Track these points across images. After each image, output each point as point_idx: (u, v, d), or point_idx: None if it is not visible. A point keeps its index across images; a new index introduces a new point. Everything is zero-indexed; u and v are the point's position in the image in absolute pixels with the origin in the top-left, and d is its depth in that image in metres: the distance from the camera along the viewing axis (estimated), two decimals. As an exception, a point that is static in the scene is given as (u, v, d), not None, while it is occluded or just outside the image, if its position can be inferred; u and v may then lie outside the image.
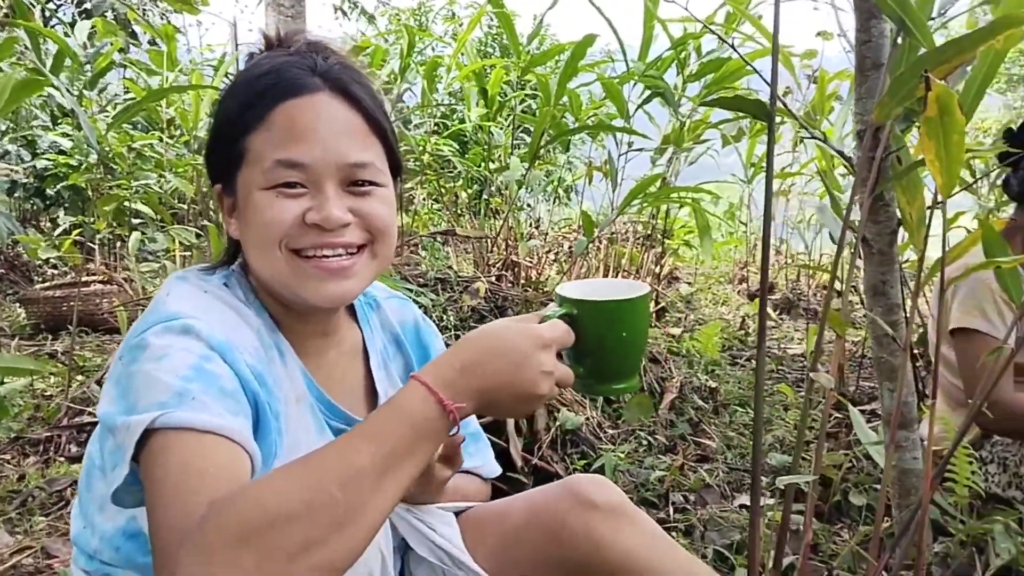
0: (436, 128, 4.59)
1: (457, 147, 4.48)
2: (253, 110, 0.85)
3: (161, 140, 3.71)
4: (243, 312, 0.88)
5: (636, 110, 3.37)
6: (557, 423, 1.91)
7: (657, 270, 3.77)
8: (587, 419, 1.99)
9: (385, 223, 0.89)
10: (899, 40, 1.35)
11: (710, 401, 2.30)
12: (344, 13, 6.89)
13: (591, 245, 3.72)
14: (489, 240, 3.37)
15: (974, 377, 1.79)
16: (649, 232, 3.75)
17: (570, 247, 4.02)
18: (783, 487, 1.35)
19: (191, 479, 0.67)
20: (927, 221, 1.42)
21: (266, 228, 0.84)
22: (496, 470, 1.20)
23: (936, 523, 1.71)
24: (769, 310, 3.66)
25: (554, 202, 5.17)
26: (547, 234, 4.11)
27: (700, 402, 2.26)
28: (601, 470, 1.79)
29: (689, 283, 4.29)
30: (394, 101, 3.35)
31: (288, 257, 0.85)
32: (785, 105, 1.66)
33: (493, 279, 2.86)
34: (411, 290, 2.08)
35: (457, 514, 1.10)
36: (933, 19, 1.53)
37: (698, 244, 3.62)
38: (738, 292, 4.27)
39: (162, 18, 8.11)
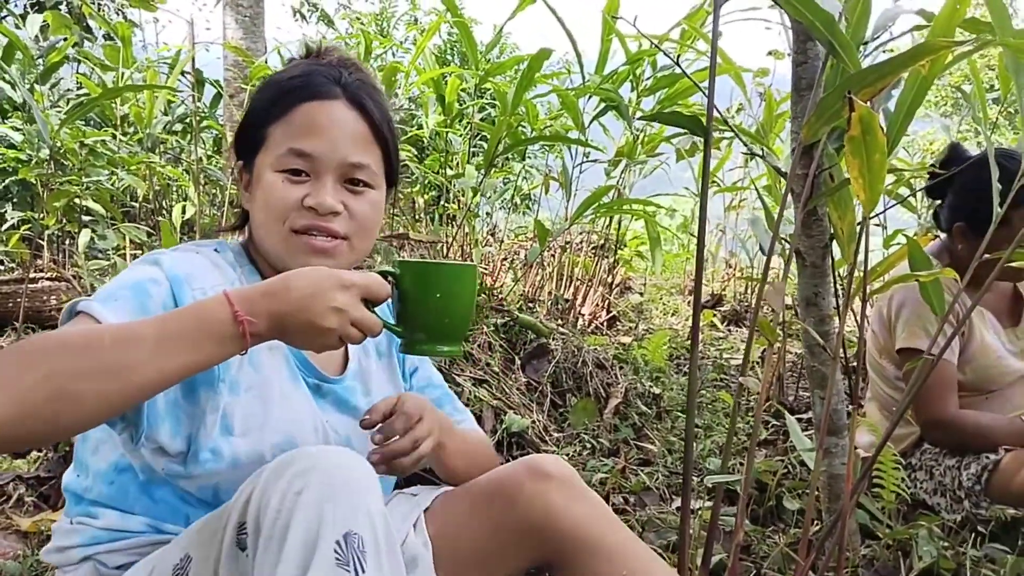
0: (395, 133, 4.60)
1: (415, 152, 4.50)
2: (279, 105, 1.01)
3: (114, 137, 3.67)
4: (223, 268, 1.02)
5: (591, 122, 3.43)
6: (504, 425, 1.94)
7: (609, 279, 3.83)
8: (533, 422, 2.02)
9: (368, 221, 1.05)
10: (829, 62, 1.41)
11: (654, 407, 2.35)
12: (303, 16, 6.88)
13: (544, 254, 3.77)
14: (444, 246, 3.40)
15: (920, 398, 1.85)
16: (602, 242, 3.81)
17: (526, 255, 4.06)
18: (720, 489, 1.40)
19: (57, 338, 0.77)
20: (857, 236, 1.49)
21: (272, 206, 0.99)
22: (479, 428, 1.30)
23: (864, 527, 1.77)
24: (717, 321, 3.75)
25: (511, 211, 5.21)
26: (503, 241, 4.14)
27: (644, 408, 2.32)
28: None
29: (641, 293, 4.36)
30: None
31: (286, 233, 0.99)
32: (726, 121, 1.72)
33: (446, 284, 2.87)
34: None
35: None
36: (867, 43, 1.60)
37: (650, 255, 3.69)
38: (687, 303, 4.35)
39: (118, 13, 7.99)
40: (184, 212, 3.51)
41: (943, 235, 2.02)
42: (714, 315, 3.80)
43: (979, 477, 1.81)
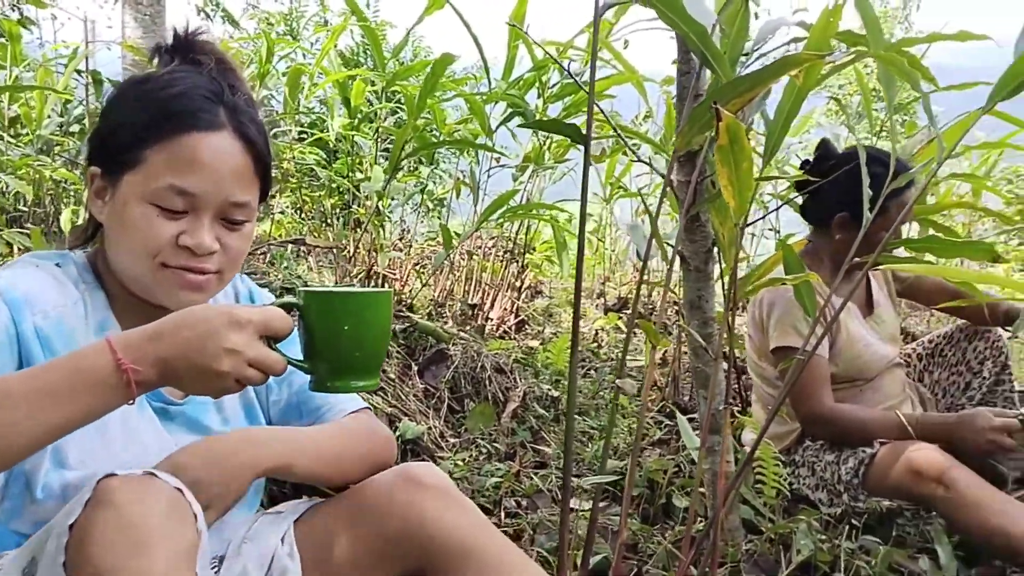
0: (302, 136, 4.54)
1: (325, 156, 4.44)
2: (160, 128, 0.93)
3: (1, 139, 3.51)
4: (66, 286, 0.96)
5: (498, 127, 3.45)
6: (397, 433, 1.93)
7: (518, 284, 3.85)
8: (429, 428, 2.02)
9: (241, 255, 1.01)
10: (703, 72, 1.46)
11: (552, 410, 2.37)
12: (207, 15, 6.69)
13: (455, 258, 3.77)
14: (350, 250, 3.37)
15: (797, 394, 1.93)
16: (511, 247, 3.83)
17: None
18: (617, 490, 1.42)
19: None
20: (737, 241, 1.54)
21: (142, 241, 0.93)
22: (359, 403, 1.20)
23: (748, 522, 1.83)
24: (622, 324, 3.81)
25: (424, 215, 5.19)
26: (411, 246, 4.13)
27: (542, 411, 2.34)
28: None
29: (551, 297, 4.41)
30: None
31: (155, 267, 0.94)
32: (615, 128, 1.75)
33: (351, 290, 2.84)
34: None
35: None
36: (747, 55, 1.65)
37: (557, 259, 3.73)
38: (596, 306, 4.42)
39: (14, 8, 7.63)
40: (78, 216, 3.37)
41: (812, 230, 2.12)
42: (619, 318, 3.87)
43: (856, 471, 1.89)
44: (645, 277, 4.39)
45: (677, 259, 1.68)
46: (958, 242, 1.40)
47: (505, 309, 3.70)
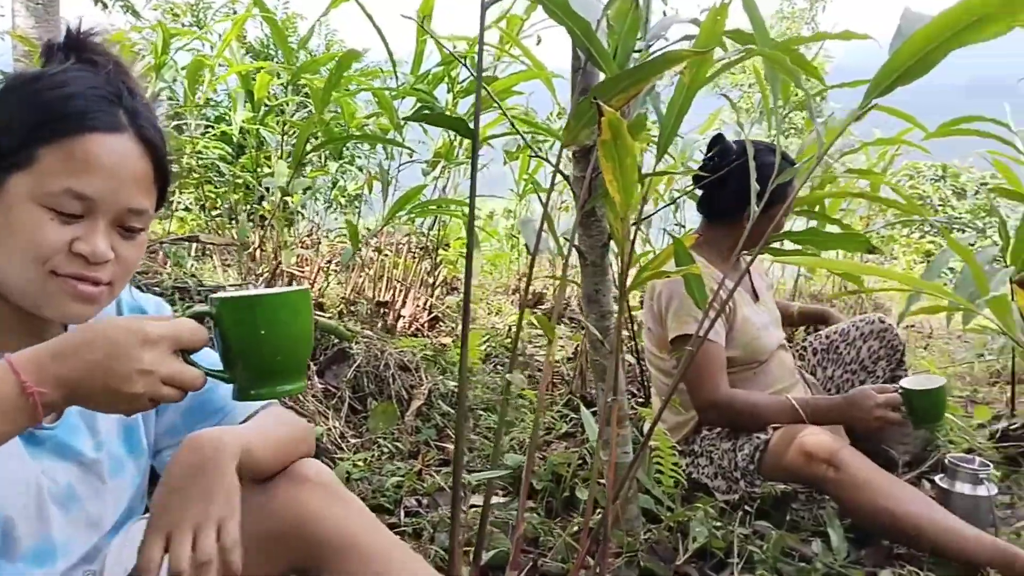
0: (208, 129, 4.41)
1: (231, 151, 4.32)
2: (56, 126, 0.87)
3: None
4: None
5: (404, 123, 3.41)
6: (297, 434, 1.89)
7: (431, 280, 3.83)
8: (328, 429, 1.98)
9: (133, 265, 0.96)
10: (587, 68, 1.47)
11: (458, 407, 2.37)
12: (105, 5, 6.41)
13: (367, 255, 3.72)
14: (255, 247, 3.29)
15: (694, 380, 1.97)
16: (424, 243, 3.80)
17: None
18: (491, 485, 1.42)
19: None
20: (632, 236, 1.55)
21: (32, 246, 0.86)
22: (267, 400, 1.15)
23: (649, 511, 1.86)
24: (535, 320, 3.83)
25: (332, 209, 5.11)
26: (319, 243, 4.05)
27: (447, 408, 2.32)
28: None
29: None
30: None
31: (44, 275, 0.87)
32: (512, 122, 1.75)
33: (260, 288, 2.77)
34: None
35: None
36: (639, 52, 1.67)
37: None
38: (512, 302, 4.43)
39: None
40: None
41: (706, 223, 2.17)
42: (534, 314, 3.88)
43: (752, 457, 1.94)
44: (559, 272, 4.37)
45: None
46: (835, 235, 1.45)
47: (418, 306, 3.67)
